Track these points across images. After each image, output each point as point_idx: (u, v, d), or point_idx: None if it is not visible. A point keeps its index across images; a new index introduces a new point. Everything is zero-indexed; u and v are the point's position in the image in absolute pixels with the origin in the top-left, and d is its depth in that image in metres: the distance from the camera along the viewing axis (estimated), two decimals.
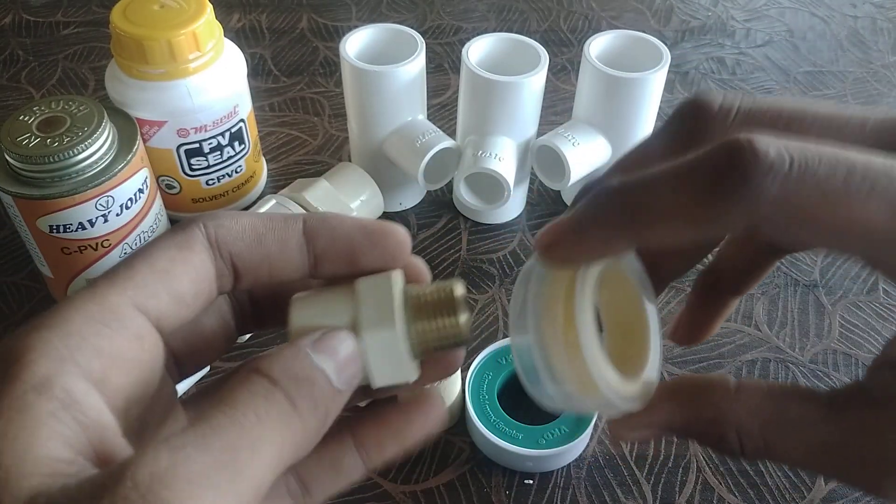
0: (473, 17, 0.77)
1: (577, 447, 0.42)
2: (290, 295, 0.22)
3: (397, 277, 0.22)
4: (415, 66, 0.49)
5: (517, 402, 0.45)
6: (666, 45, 0.50)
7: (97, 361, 0.18)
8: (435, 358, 0.23)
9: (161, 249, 0.20)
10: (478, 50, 0.50)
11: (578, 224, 0.21)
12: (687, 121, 0.22)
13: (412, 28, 0.51)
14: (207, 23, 0.47)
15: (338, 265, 0.22)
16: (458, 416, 0.44)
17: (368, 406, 0.25)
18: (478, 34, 0.52)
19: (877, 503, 0.41)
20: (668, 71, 0.49)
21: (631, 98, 0.49)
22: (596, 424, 0.43)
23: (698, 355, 0.48)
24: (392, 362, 0.21)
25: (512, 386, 0.45)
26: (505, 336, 0.48)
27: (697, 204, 0.19)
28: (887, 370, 0.21)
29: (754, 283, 0.28)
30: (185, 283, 0.20)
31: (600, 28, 0.76)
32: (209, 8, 0.47)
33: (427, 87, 0.52)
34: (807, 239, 0.19)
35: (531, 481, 0.42)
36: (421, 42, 0.50)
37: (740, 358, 0.48)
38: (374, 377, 0.22)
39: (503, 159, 0.49)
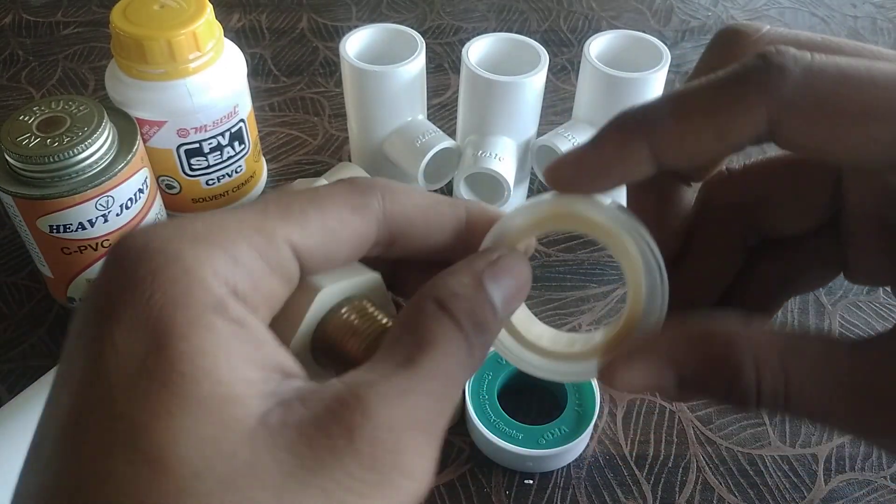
0: (473, 17, 0.77)
1: (577, 447, 0.42)
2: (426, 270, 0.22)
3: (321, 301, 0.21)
4: (415, 66, 0.49)
5: (517, 402, 0.45)
6: (666, 45, 0.50)
7: (252, 294, 0.18)
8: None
9: (335, 205, 0.20)
10: (478, 50, 0.50)
11: (593, 142, 0.20)
12: (721, 47, 0.22)
13: (412, 28, 0.51)
14: (207, 23, 0.47)
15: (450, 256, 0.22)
16: (458, 416, 0.44)
17: None
18: (478, 34, 0.52)
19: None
20: (669, 71, 0.49)
21: (631, 98, 0.49)
22: (596, 424, 0.43)
23: None
24: None
25: (512, 386, 0.45)
26: None
27: (717, 96, 0.19)
28: None
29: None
30: (344, 246, 0.20)
31: (600, 28, 0.76)
32: (209, 8, 0.47)
33: (427, 87, 0.52)
34: (828, 132, 0.18)
35: (531, 481, 0.42)
36: (421, 42, 0.50)
37: None
38: None
39: (503, 159, 0.49)
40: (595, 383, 0.43)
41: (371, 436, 0.16)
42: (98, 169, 0.42)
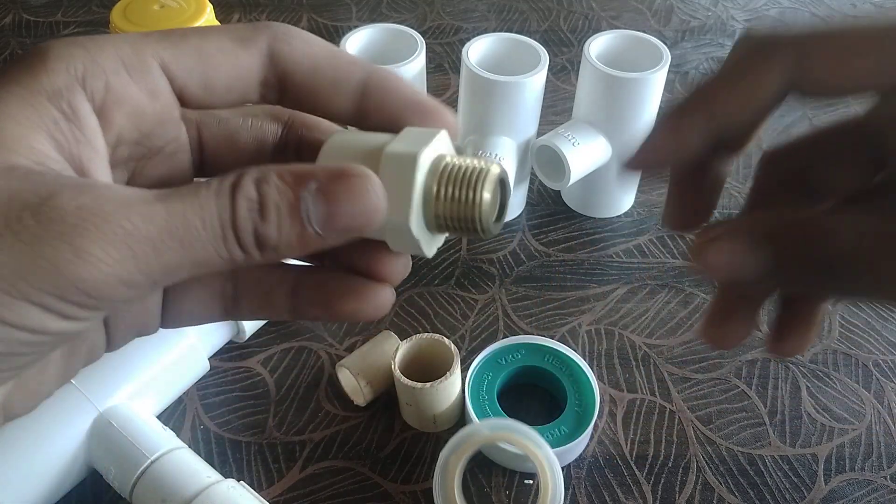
0: (473, 17, 0.77)
1: (577, 447, 0.42)
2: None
3: (440, 139, 0.21)
4: (415, 66, 0.49)
5: (517, 402, 0.45)
6: (666, 44, 0.50)
7: (104, 95, 0.19)
8: (458, 236, 0.22)
9: (218, 36, 0.21)
10: (478, 50, 0.50)
11: (659, 122, 0.24)
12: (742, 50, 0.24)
13: (412, 28, 0.51)
14: (207, 23, 0.47)
15: (380, 125, 0.22)
16: (458, 416, 0.44)
17: (317, 266, 0.24)
18: (478, 34, 0.52)
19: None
20: (668, 71, 0.49)
21: (631, 98, 0.49)
22: (596, 424, 0.43)
23: (698, 355, 0.48)
24: (404, 240, 0.21)
25: (512, 386, 0.45)
26: (505, 336, 0.48)
27: (752, 61, 0.22)
28: None
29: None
30: (222, 75, 0.21)
31: (600, 28, 0.76)
32: (209, 8, 0.47)
33: (427, 87, 0.52)
34: (841, 65, 0.21)
35: (531, 481, 0.42)
36: (421, 42, 0.50)
37: (740, 358, 0.48)
38: (390, 243, 0.21)
39: (503, 159, 0.49)
40: (595, 383, 0.43)
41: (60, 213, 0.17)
42: None
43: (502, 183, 0.21)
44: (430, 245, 0.21)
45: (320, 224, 0.19)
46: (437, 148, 0.21)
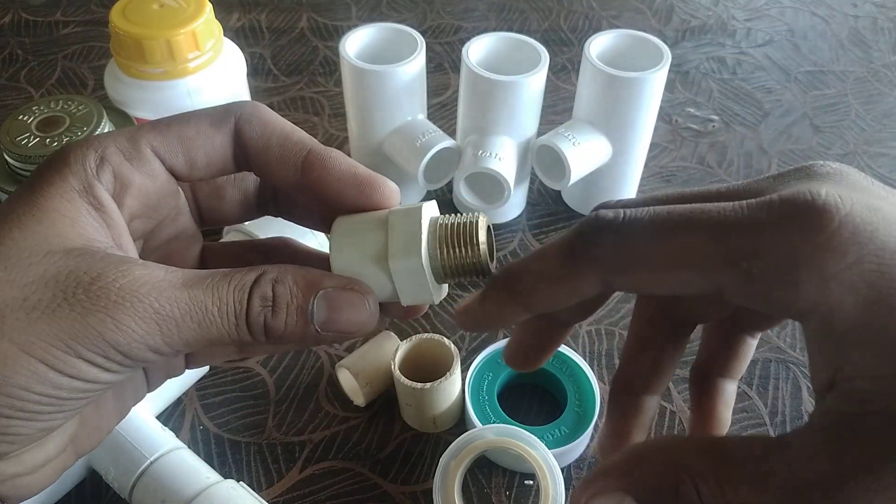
0: (473, 17, 0.77)
1: (577, 448, 0.42)
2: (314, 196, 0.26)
3: (428, 209, 0.25)
4: (415, 65, 0.49)
5: (517, 402, 0.45)
6: (666, 44, 0.50)
7: (114, 183, 0.24)
8: (463, 282, 0.25)
9: (197, 120, 0.25)
10: (478, 49, 0.50)
11: (479, 298, 0.25)
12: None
13: (412, 27, 0.51)
14: (207, 22, 0.47)
15: (324, 195, 0.25)
16: (459, 416, 0.44)
17: None
18: (478, 33, 0.52)
19: None
20: (669, 70, 0.49)
21: (631, 98, 0.49)
22: (596, 425, 0.43)
23: None
24: (417, 286, 0.24)
25: (512, 386, 0.45)
26: (505, 336, 0.48)
27: (560, 265, 0.22)
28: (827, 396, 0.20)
29: (740, 363, 0.29)
30: (200, 154, 0.25)
31: (601, 27, 0.75)
32: (209, 7, 0.47)
33: (427, 87, 0.52)
34: (646, 282, 0.21)
35: (531, 482, 0.42)
36: (421, 41, 0.50)
37: None
38: (402, 297, 0.25)
39: (503, 159, 0.49)
40: (595, 383, 0.43)
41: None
42: None
43: (488, 229, 0.25)
44: (440, 294, 0.26)
45: (321, 325, 0.23)
46: (425, 225, 0.24)
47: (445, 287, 0.26)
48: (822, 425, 0.19)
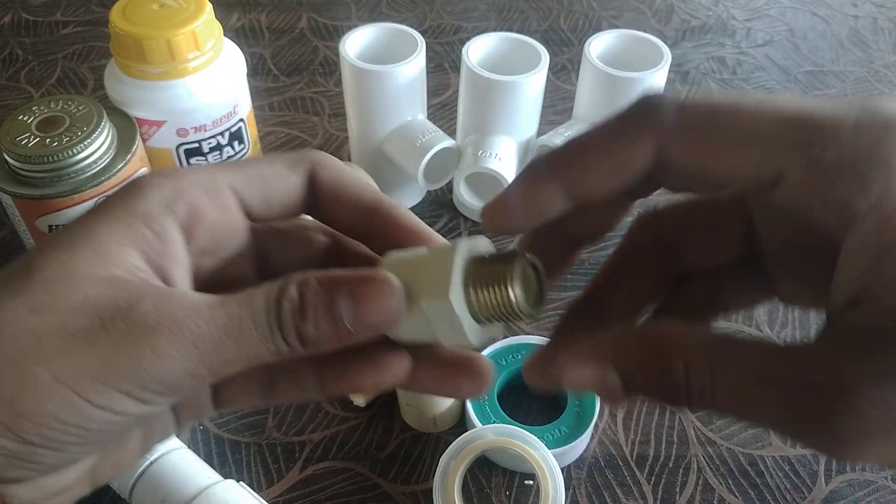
0: (473, 17, 0.77)
1: (577, 447, 0.42)
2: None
3: (468, 245, 0.24)
4: (415, 65, 0.49)
5: (517, 402, 0.45)
6: (666, 44, 0.50)
7: (187, 214, 0.24)
8: (501, 325, 0.24)
9: (273, 161, 0.26)
10: (478, 49, 0.50)
11: (516, 184, 0.23)
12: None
13: (412, 28, 0.51)
14: (207, 22, 0.47)
15: (385, 243, 0.26)
16: (459, 416, 0.44)
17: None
18: (478, 34, 0.52)
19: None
20: (669, 70, 0.49)
21: (631, 97, 0.48)
22: (596, 425, 0.43)
23: None
24: (449, 326, 0.23)
25: (512, 386, 0.45)
26: (505, 336, 0.48)
27: (614, 129, 0.22)
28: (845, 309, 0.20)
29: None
30: (276, 194, 0.26)
31: (601, 27, 0.75)
32: (208, 7, 0.47)
33: (427, 87, 0.52)
34: (706, 155, 0.21)
35: (531, 482, 0.42)
36: (421, 42, 0.50)
37: None
38: (440, 338, 0.24)
39: (503, 159, 0.49)
40: None
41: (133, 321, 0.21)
42: (97, 169, 0.42)
43: (534, 268, 0.24)
44: (481, 337, 0.24)
45: (350, 320, 0.22)
46: (458, 267, 0.23)
47: (494, 330, 0.25)
48: (842, 336, 0.19)
